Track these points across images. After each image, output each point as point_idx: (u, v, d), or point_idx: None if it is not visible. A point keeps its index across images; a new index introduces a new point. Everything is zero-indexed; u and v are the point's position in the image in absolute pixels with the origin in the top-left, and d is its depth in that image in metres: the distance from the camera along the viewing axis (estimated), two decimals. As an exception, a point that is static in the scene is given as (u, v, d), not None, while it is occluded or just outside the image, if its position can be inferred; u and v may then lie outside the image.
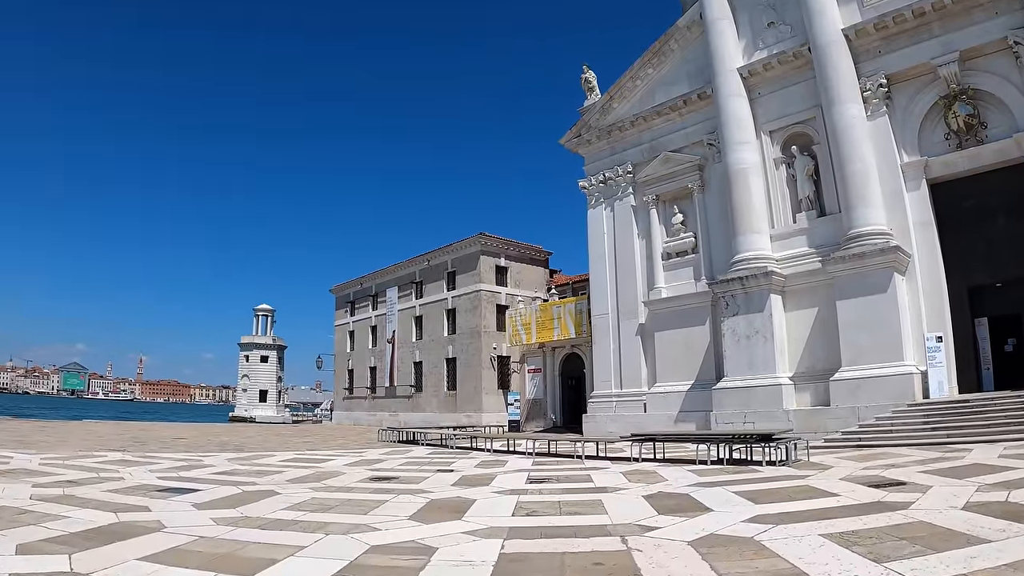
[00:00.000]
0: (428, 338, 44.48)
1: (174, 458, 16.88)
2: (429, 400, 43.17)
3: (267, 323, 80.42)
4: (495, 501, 9.56)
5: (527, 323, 36.23)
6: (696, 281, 25.59)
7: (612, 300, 28.52)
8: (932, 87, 20.49)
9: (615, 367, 27.94)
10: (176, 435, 28.81)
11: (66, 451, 18.31)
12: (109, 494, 10.03)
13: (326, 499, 9.87)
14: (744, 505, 8.47)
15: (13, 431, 27.48)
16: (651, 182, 27.45)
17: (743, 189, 23.14)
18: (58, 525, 7.50)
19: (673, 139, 26.96)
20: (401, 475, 13.46)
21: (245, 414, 72.76)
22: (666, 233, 27.09)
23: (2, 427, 30.05)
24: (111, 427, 35.56)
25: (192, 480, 12.21)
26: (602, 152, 29.76)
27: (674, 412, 24.59)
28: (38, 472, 12.91)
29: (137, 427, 36.96)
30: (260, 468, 14.80)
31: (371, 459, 17.47)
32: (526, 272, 42.28)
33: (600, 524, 7.52)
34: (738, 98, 23.77)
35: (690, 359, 24.94)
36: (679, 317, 25.66)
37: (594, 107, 29.77)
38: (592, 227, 29.94)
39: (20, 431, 27.72)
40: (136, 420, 53.11)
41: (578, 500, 9.52)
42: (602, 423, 26.94)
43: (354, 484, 11.93)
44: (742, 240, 23.03)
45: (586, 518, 8.01)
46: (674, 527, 7.18)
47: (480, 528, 7.41)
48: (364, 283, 53.30)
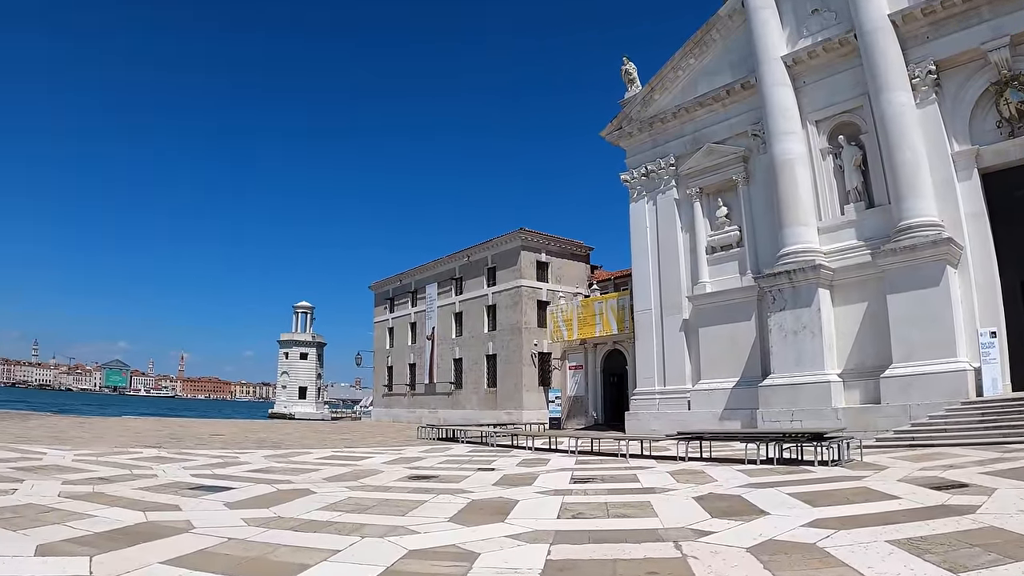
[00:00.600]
0: (468, 334, 45.20)
1: (210, 455, 17.07)
2: (469, 397, 43.92)
3: (307, 320, 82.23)
4: (539, 502, 9.43)
5: (568, 319, 36.62)
6: (741, 275, 25.72)
7: (655, 295, 28.77)
8: (982, 73, 20.36)
9: (658, 364, 28.23)
10: (214, 432, 29.38)
11: (101, 447, 18.50)
12: (140, 492, 10.07)
13: (363, 499, 9.80)
14: (801, 508, 8.31)
15: (51, 427, 27.93)
16: (694, 174, 27.61)
17: (789, 180, 23.17)
18: (83, 525, 7.44)
19: (716, 130, 27.12)
20: (441, 474, 13.47)
21: (284, 411, 74.65)
22: (710, 226, 27.23)
23: (40, 423, 30.71)
24: (149, 423, 36.24)
25: (226, 478, 12.23)
26: (643, 145, 29.99)
27: (719, 410, 24.79)
28: (70, 468, 12.99)
29: (175, 423, 37.77)
30: (296, 466, 14.92)
31: (410, 457, 17.61)
32: (567, 268, 42.63)
33: (651, 528, 7.34)
34: (783, 87, 23.81)
35: (735, 355, 25.09)
36: (724, 312, 25.83)
37: (635, 99, 30.00)
38: (634, 221, 30.22)
39: (58, 427, 28.14)
40: (175, 416, 54.53)
41: (626, 502, 9.36)
42: (645, 421, 27.25)
43: (392, 483, 11.91)
44: (789, 233, 23.08)
45: (635, 521, 7.84)
46: (730, 532, 7.02)
47: (524, 531, 7.25)
48: (403, 280, 54.27)
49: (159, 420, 42.92)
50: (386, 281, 57.06)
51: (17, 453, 15.61)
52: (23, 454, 15.46)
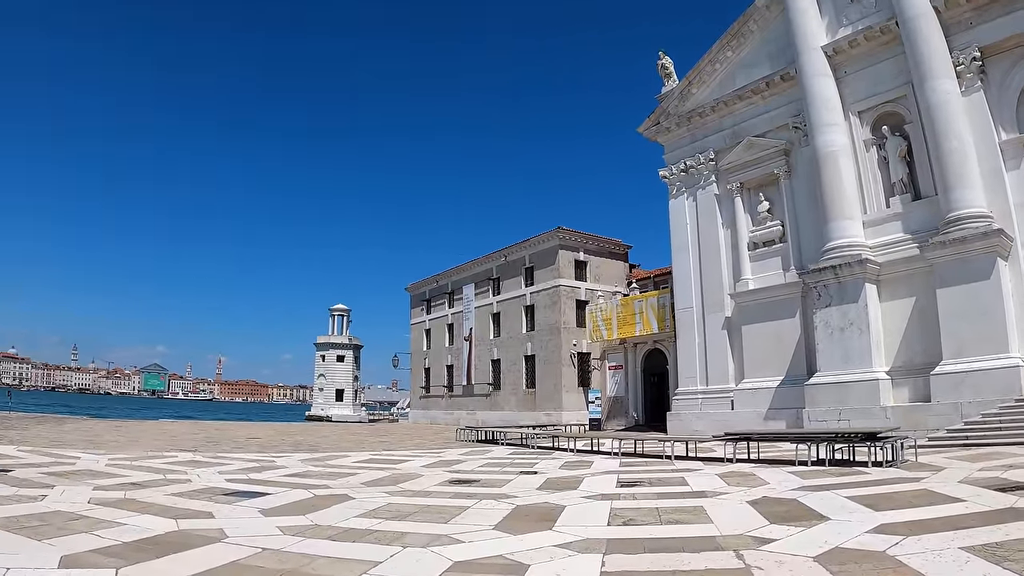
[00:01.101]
0: (506, 335, 45.75)
1: (246, 459, 17.12)
2: (507, 398, 44.42)
3: (343, 323, 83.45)
4: (586, 508, 9.26)
5: (607, 318, 36.80)
6: (784, 272, 25.71)
7: (696, 293, 28.94)
8: (1029, 59, 20.10)
9: (700, 363, 28.39)
10: (250, 435, 29.67)
11: (136, 451, 18.63)
12: (172, 498, 10.01)
13: (403, 505, 9.66)
14: (863, 512, 8.11)
15: (87, 431, 28.25)
16: (734, 169, 27.69)
17: (833, 173, 23.13)
18: (111, 533, 7.32)
19: (756, 123, 27.21)
20: (482, 478, 13.34)
21: (321, 413, 75.96)
22: (752, 222, 27.28)
23: (77, 426, 31.17)
24: (185, 427, 36.47)
25: (262, 483, 12.20)
26: (682, 140, 30.14)
27: (763, 409, 24.85)
28: (102, 473, 13.00)
29: (212, 427, 38.07)
30: (334, 470, 14.86)
31: (450, 460, 17.58)
32: (605, 266, 42.90)
33: (708, 535, 7.15)
34: (823, 77, 23.81)
35: (779, 353, 25.11)
36: (767, 309, 25.88)
37: (672, 93, 30.14)
38: (674, 217, 30.39)
39: (94, 431, 28.46)
40: (212, 420, 55.33)
41: (677, 506, 9.18)
42: (687, 421, 27.38)
43: (433, 488, 11.80)
44: (833, 227, 23.07)
45: (691, 528, 7.66)
46: (792, 539, 6.83)
47: (574, 540, 7.04)
48: (440, 281, 55.08)
49: (195, 423, 43.35)
50: (423, 283, 57.97)
51: (51, 458, 15.83)
52: (56, 459, 15.66)
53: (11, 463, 14.14)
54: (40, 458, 15.60)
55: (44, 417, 39.13)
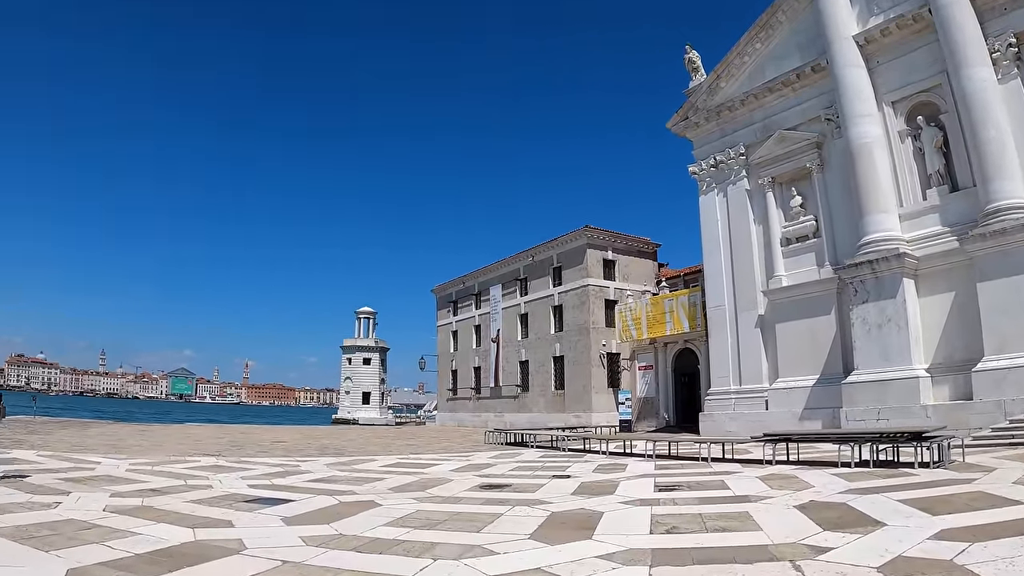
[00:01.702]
0: (534, 336, 46.00)
1: (270, 463, 17.14)
2: (536, 400, 44.63)
3: (369, 325, 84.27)
4: (626, 514, 9.00)
5: (637, 318, 36.80)
6: (819, 267, 25.62)
7: (728, 291, 28.98)
8: (1066, 44, 19.89)
9: (733, 362, 28.38)
10: (276, 438, 29.96)
11: (158, 456, 18.70)
12: (191, 505, 9.90)
13: (432, 512, 9.47)
14: (920, 517, 7.84)
15: (110, 435, 28.49)
16: (766, 163, 27.65)
17: (867, 165, 23.00)
18: (123, 544, 7.17)
19: (787, 116, 27.15)
20: (514, 482, 13.20)
21: (348, 416, 76.88)
22: (784, 217, 27.21)
23: (100, 431, 31.47)
24: (210, 431, 36.77)
25: (285, 489, 12.13)
26: (711, 135, 30.15)
27: (798, 409, 24.78)
28: (121, 479, 12.98)
29: (237, 430, 38.41)
30: (360, 475, 14.79)
31: (479, 464, 17.53)
32: (634, 265, 42.99)
33: (759, 544, 6.88)
34: (855, 68, 23.72)
35: (815, 352, 25.03)
36: (801, 307, 25.81)
37: (700, 88, 30.15)
38: (704, 214, 30.42)
39: (117, 435, 28.70)
40: (237, 423, 55.88)
41: (721, 512, 8.88)
42: (720, 422, 27.36)
43: (463, 493, 11.66)
44: (869, 221, 22.94)
45: (739, 536, 7.37)
46: (849, 547, 6.55)
47: (617, 550, 6.78)
48: (467, 282, 55.55)
49: (221, 427, 44.02)
50: (449, 284, 58.51)
51: (70, 463, 15.89)
52: (76, 464, 15.73)
53: (29, 468, 14.24)
54: (59, 463, 15.71)
55: (69, 422, 39.77)
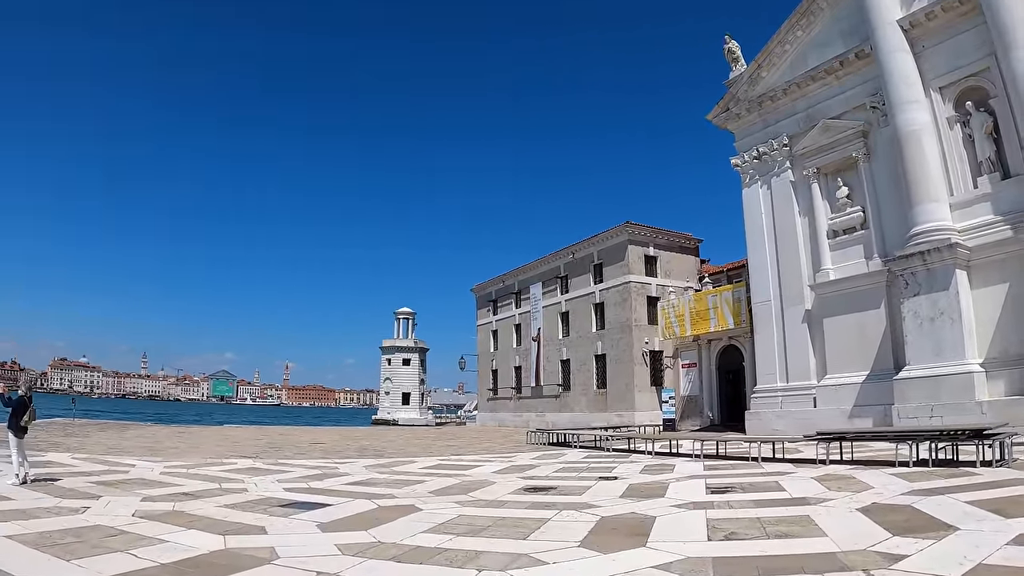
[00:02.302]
0: (575, 334, 46.15)
1: (307, 465, 17.10)
2: (578, 399, 44.80)
3: (408, 326, 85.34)
4: (679, 519, 8.70)
5: (680, 315, 36.69)
6: (867, 260, 25.37)
7: (774, 285, 28.85)
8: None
9: (780, 359, 28.30)
10: (314, 440, 30.15)
11: (194, 458, 18.75)
12: (224, 510, 9.73)
13: (475, 517, 9.20)
14: (993, 521, 7.49)
15: (148, 437, 28.82)
16: (810, 154, 27.43)
17: (916, 153, 22.71)
18: (150, 553, 7.01)
19: (831, 105, 26.94)
20: (559, 484, 12.95)
21: (388, 417, 78.05)
22: (830, 209, 26.99)
23: (139, 433, 31.81)
24: (249, 432, 36.88)
25: (322, 492, 11.93)
26: (753, 126, 30.02)
27: (847, 407, 24.61)
28: (155, 483, 12.95)
29: (276, 432, 38.65)
30: (400, 477, 14.68)
31: (522, 465, 17.39)
32: (676, 261, 42.90)
33: (826, 551, 6.56)
34: (901, 53, 23.42)
35: (864, 347, 24.79)
36: (850, 301, 25.60)
37: (741, 78, 30.02)
38: (748, 207, 30.34)
39: (155, 437, 29.02)
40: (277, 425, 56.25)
41: (780, 516, 8.54)
42: (767, 420, 27.24)
43: (507, 496, 11.39)
44: (919, 211, 22.66)
45: (803, 542, 7.03)
46: (924, 554, 6.24)
47: (674, 560, 6.48)
48: (506, 281, 56.03)
49: (260, 428, 44.32)
50: (489, 283, 59.08)
51: (104, 465, 15.98)
52: (110, 467, 15.80)
53: (61, 471, 14.36)
54: (93, 466, 15.79)
55: (108, 424, 40.48)
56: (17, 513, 9.19)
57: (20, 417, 12.68)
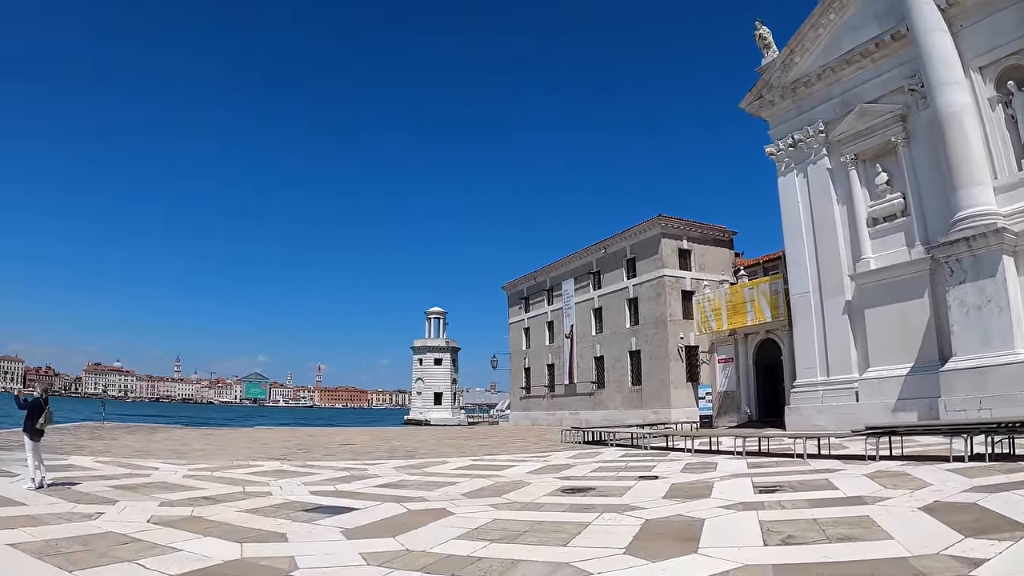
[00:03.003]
0: (609, 330, 46.11)
1: (336, 467, 17.02)
2: (612, 396, 44.74)
3: (439, 325, 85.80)
4: (729, 521, 8.30)
5: (716, 308, 36.42)
6: (909, 248, 24.96)
7: (812, 276, 28.63)
8: None
9: (820, 352, 28.03)
10: (344, 441, 30.28)
11: (221, 460, 18.71)
12: (245, 515, 9.47)
13: (510, 521, 8.86)
14: None
15: (176, 439, 28.97)
16: (847, 140, 27.10)
17: (958, 135, 22.30)
18: (159, 563, 6.73)
19: (867, 89, 26.57)
20: (597, 484, 12.65)
21: (420, 417, 78.80)
22: (870, 196, 26.62)
23: (167, 436, 32.03)
24: (278, 434, 37.11)
25: (349, 495, 11.70)
26: (788, 113, 29.75)
27: (891, 400, 24.24)
28: (176, 486, 12.80)
29: (306, 433, 38.81)
30: (431, 479, 14.48)
31: (558, 464, 17.20)
32: (710, 254, 42.66)
33: (896, 556, 6.18)
34: (938, 33, 23.03)
35: (907, 338, 24.43)
36: (892, 290, 25.25)
37: (773, 64, 29.70)
38: (784, 196, 30.14)
39: (184, 440, 29.21)
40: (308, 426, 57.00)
41: (839, 517, 8.14)
42: (807, 415, 26.93)
43: (543, 498, 11.06)
44: (962, 195, 22.24)
45: (868, 546, 6.61)
46: (1003, 558, 5.86)
47: (731, 568, 6.12)
48: (538, 277, 56.19)
49: (290, 430, 44.49)
50: (520, 280, 59.27)
51: (128, 469, 15.94)
52: (133, 470, 15.74)
53: (82, 475, 14.34)
54: (115, 469, 15.74)
55: (137, 427, 40.97)
56: (26, 519, 9.03)
57: (35, 420, 12.64)
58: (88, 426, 37.62)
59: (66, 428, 33.40)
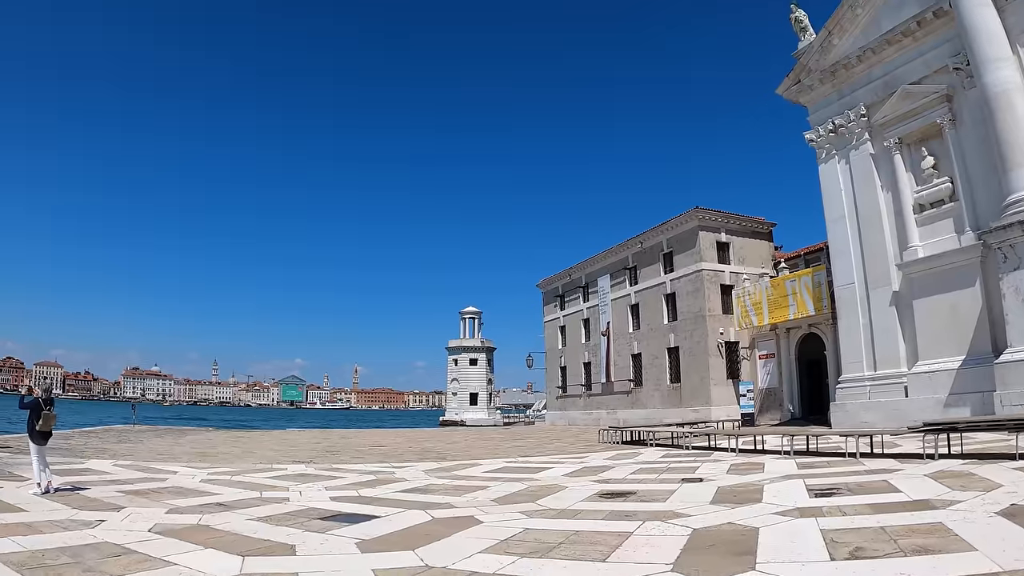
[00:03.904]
0: (646, 327, 45.79)
1: (362, 471, 16.68)
2: (650, 395, 44.38)
3: (474, 325, 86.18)
4: (787, 530, 7.60)
5: (756, 302, 35.87)
6: (959, 234, 24.25)
7: (857, 267, 28.08)
8: None
9: (866, 345, 27.45)
10: (376, 443, 30.17)
11: (244, 464, 18.46)
12: (254, 524, 9.01)
13: (544, 531, 8.30)
14: None
15: (204, 442, 28.85)
16: (890, 123, 26.46)
17: (1007, 114, 21.69)
18: None
19: (910, 70, 25.87)
20: (638, 488, 12.14)
21: (456, 418, 79.60)
22: (916, 181, 25.93)
23: (195, 438, 32.06)
24: (310, 435, 37.15)
25: (372, 501, 11.21)
26: (827, 97, 29.18)
27: (942, 395, 23.57)
28: (191, 491, 12.41)
29: (337, 435, 38.76)
30: (460, 482, 14.11)
31: (595, 466, 16.81)
32: (749, 247, 41.99)
33: (988, 572, 5.54)
34: (983, 7, 22.37)
35: (958, 329, 23.77)
36: (941, 279, 24.59)
37: (811, 47, 29.09)
38: (825, 184, 29.60)
39: (212, 442, 29.13)
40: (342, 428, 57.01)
41: (908, 525, 7.48)
42: (853, 412, 26.35)
43: (579, 504, 10.53)
44: (1014, 177, 21.63)
45: (952, 560, 5.96)
46: None
47: None
48: (572, 274, 56.07)
49: (322, 432, 44.62)
50: (554, 277, 59.19)
51: (144, 473, 15.63)
52: (149, 474, 15.37)
53: (94, 479, 13.99)
54: (131, 474, 15.40)
55: (167, 429, 41.12)
56: (20, 527, 8.60)
57: (36, 421, 12.13)
58: (117, 429, 38.04)
59: (94, 431, 33.86)
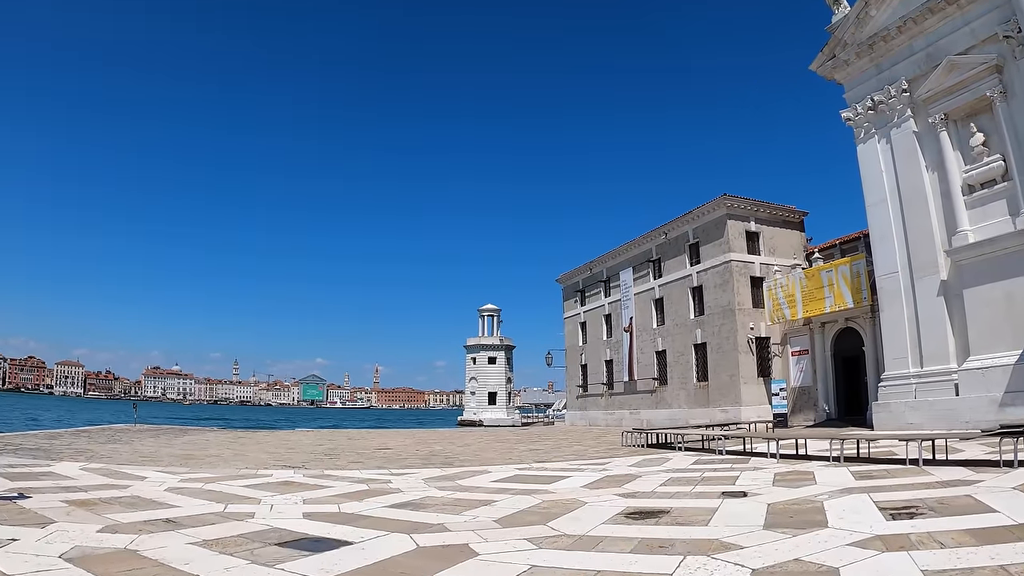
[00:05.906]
0: (671, 322, 44.59)
1: (355, 478, 15.32)
2: (676, 394, 43.05)
3: (493, 323, 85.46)
4: (875, 570, 5.86)
5: (789, 295, 34.37)
6: (1013, 217, 22.82)
7: (901, 254, 26.64)
8: None
9: (911, 340, 25.99)
10: (382, 444, 29.12)
11: (227, 469, 17.28)
12: (194, 551, 7.36)
13: (554, 570, 6.39)
14: None
15: (198, 444, 27.79)
16: (935, 98, 24.93)
17: (1067, 85, 19.79)
18: None
19: (955, 40, 24.31)
20: (671, 506, 10.06)
21: (474, 417, 79.50)
22: (964, 160, 24.39)
23: (191, 439, 30.99)
24: (313, 436, 36.25)
25: (351, 520, 9.40)
26: (865, 72, 27.69)
27: (998, 393, 22.06)
28: (147, 502, 10.90)
29: (344, 436, 37.72)
30: (462, 495, 12.33)
31: (619, 475, 15.05)
32: (780, 237, 40.67)
33: None
34: (1040, -31, 20.40)
35: (1015, 321, 22.31)
36: (994, 266, 23.05)
37: (846, 20, 27.68)
38: (865, 165, 28.17)
39: (205, 444, 28.04)
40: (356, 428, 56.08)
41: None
42: (898, 412, 24.85)
43: (601, 528, 8.49)
44: (1076, 153, 19.70)
45: None
46: None
47: None
48: (594, 268, 54.98)
49: (330, 432, 43.67)
50: (575, 272, 58.26)
51: (110, 479, 14.38)
52: (112, 481, 14.03)
53: (47, 485, 12.67)
54: (95, 479, 14.13)
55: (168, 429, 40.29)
56: None
57: None
58: (114, 429, 37.35)
59: (87, 431, 33.35)
